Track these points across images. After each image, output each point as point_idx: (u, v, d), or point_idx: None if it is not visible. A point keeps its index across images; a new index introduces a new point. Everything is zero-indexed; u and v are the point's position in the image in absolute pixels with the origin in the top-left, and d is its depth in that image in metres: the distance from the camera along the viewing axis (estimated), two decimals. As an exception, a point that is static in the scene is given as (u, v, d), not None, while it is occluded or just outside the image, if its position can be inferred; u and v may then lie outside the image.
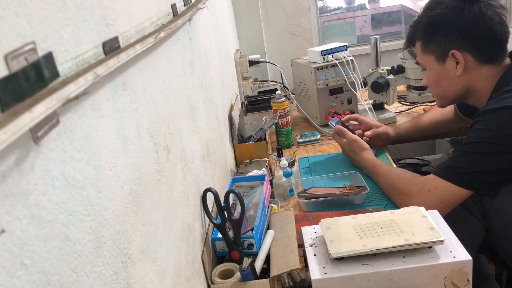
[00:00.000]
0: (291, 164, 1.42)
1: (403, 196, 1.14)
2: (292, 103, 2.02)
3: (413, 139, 1.63)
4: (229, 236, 0.97)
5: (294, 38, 2.37)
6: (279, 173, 1.31)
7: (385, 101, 1.89)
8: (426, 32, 1.17)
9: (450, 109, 1.52)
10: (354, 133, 1.46)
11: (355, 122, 1.58)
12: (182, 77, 0.92)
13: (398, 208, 1.14)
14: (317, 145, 1.74)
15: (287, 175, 1.36)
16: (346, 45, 1.78)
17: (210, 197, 0.97)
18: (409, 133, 1.58)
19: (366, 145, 1.40)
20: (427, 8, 1.18)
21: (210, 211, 0.97)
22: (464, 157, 1.06)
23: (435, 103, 1.88)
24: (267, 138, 1.57)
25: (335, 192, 1.27)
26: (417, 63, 1.29)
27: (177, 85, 0.87)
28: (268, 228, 1.07)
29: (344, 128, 1.46)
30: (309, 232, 0.94)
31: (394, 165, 1.46)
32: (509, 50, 1.18)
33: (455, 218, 1.13)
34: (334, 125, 1.50)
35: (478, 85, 1.14)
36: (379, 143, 1.57)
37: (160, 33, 0.70)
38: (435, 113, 1.57)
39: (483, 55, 1.11)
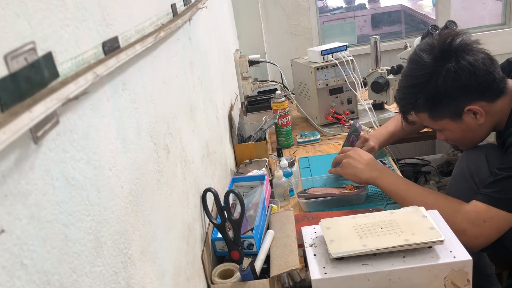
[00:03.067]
0: (291, 164, 1.42)
1: (454, 226, 0.99)
2: (292, 103, 2.02)
3: (402, 138, 1.61)
4: (229, 236, 0.97)
5: (294, 38, 2.37)
6: (279, 173, 1.31)
7: (385, 101, 1.89)
8: (430, 105, 1.14)
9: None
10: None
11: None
12: (182, 77, 0.92)
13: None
14: (317, 145, 1.74)
15: (287, 175, 1.36)
16: (346, 45, 1.78)
17: (210, 197, 0.97)
18: (388, 142, 1.55)
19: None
20: (415, 84, 1.14)
21: (210, 211, 0.97)
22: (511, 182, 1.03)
23: None
24: (267, 138, 1.57)
25: (335, 192, 1.27)
26: (427, 127, 1.24)
27: (177, 85, 0.87)
28: (268, 228, 1.07)
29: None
30: (309, 232, 0.94)
31: (398, 172, 1.45)
32: None
33: None
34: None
35: (501, 117, 1.14)
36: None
37: (160, 33, 0.70)
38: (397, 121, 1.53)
39: (492, 95, 1.11)
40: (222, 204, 0.97)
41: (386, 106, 1.94)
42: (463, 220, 1.03)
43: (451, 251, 0.81)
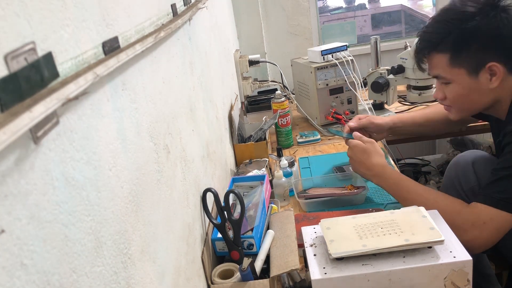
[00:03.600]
0: (291, 164, 1.42)
1: (454, 228, 1.00)
2: (292, 103, 2.02)
3: (406, 134, 1.57)
4: (229, 236, 0.97)
5: (294, 38, 2.37)
6: (279, 173, 1.31)
7: (385, 101, 1.89)
8: (459, 45, 1.07)
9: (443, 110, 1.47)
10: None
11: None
12: (182, 77, 0.92)
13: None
14: (317, 145, 1.74)
15: (287, 175, 1.36)
16: (346, 45, 1.78)
17: (210, 197, 0.97)
18: (405, 126, 1.49)
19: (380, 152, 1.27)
20: (453, 19, 1.07)
21: (210, 211, 0.97)
22: (510, 181, 1.01)
23: (435, 103, 1.89)
24: (267, 138, 1.57)
25: (335, 192, 1.27)
26: (436, 76, 1.16)
27: (177, 85, 0.87)
28: (268, 228, 1.07)
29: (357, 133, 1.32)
30: (309, 232, 0.94)
31: (397, 169, 1.44)
32: None
33: None
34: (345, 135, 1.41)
35: (504, 97, 1.09)
36: (375, 137, 1.48)
37: (160, 33, 0.70)
38: (430, 111, 1.50)
39: None
40: (222, 204, 0.97)
41: (386, 106, 1.94)
42: (463, 222, 1.02)
43: (451, 251, 0.81)
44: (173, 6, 0.88)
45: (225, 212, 0.97)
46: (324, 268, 0.82)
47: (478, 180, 1.15)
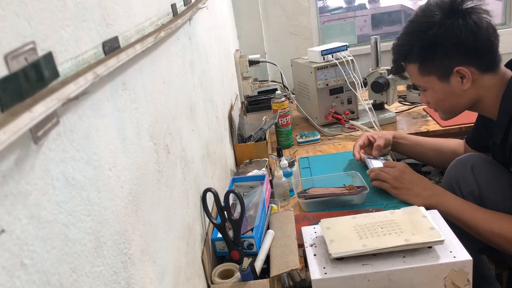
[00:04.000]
0: (291, 164, 1.42)
1: None
2: (292, 103, 2.02)
3: (406, 153, 1.56)
4: (229, 236, 0.97)
5: (294, 38, 2.37)
6: (279, 173, 1.31)
7: (385, 101, 1.89)
8: (424, 54, 1.13)
9: (458, 143, 1.45)
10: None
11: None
12: (182, 77, 0.92)
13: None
14: (317, 145, 1.74)
15: (287, 175, 1.36)
16: (346, 45, 1.78)
17: (210, 197, 0.97)
18: (401, 143, 1.51)
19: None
20: (417, 30, 1.13)
21: (210, 211, 0.97)
22: None
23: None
24: (267, 138, 1.57)
25: (335, 192, 1.27)
26: (412, 85, 1.24)
27: (177, 85, 0.87)
28: (268, 228, 1.07)
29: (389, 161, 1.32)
30: (309, 232, 0.94)
31: None
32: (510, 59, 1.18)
33: None
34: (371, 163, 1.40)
35: (484, 95, 1.12)
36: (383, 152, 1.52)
37: (160, 33, 0.70)
38: (440, 141, 1.50)
39: (484, 65, 1.10)
40: (222, 204, 0.98)
41: (386, 106, 1.94)
42: None
43: (451, 251, 0.81)
44: (173, 6, 0.88)
45: (225, 212, 0.97)
46: (324, 268, 0.82)
47: (478, 184, 1.15)
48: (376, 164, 1.40)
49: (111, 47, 0.54)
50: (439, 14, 1.10)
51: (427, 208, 0.95)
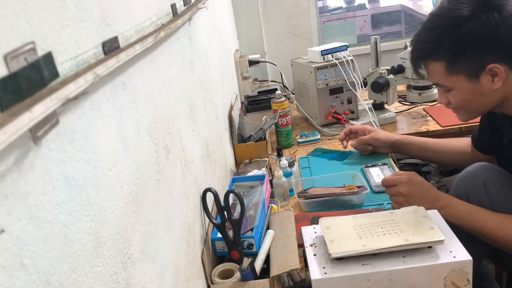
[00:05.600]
0: (291, 164, 1.42)
1: None
2: (292, 103, 2.02)
3: (413, 155, 1.55)
4: (229, 236, 0.97)
5: (294, 38, 2.37)
6: (279, 173, 1.31)
7: (385, 101, 1.89)
8: (454, 52, 1.02)
9: (467, 143, 1.39)
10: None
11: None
12: (182, 77, 0.92)
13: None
14: (317, 145, 1.74)
15: (287, 175, 1.36)
16: (346, 45, 1.78)
17: (210, 197, 0.97)
18: (408, 147, 1.47)
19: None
20: (445, 25, 1.03)
21: (210, 211, 0.97)
22: None
23: (435, 103, 1.89)
24: (267, 138, 1.57)
25: (335, 192, 1.27)
26: (435, 84, 1.12)
27: (177, 85, 0.87)
28: (268, 228, 1.07)
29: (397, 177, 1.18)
30: (309, 232, 0.94)
31: (397, 169, 1.44)
32: None
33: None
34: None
35: (509, 95, 1.05)
36: (375, 149, 1.54)
37: (160, 33, 0.70)
38: (451, 142, 1.45)
39: None
40: (222, 204, 0.97)
41: (386, 106, 1.94)
42: None
43: (451, 251, 0.81)
44: (173, 6, 0.88)
45: (225, 212, 0.97)
46: (324, 268, 0.82)
47: (490, 201, 1.11)
48: (373, 172, 1.42)
49: (111, 47, 0.54)
50: (470, 7, 0.99)
51: None
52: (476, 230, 1.07)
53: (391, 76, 1.83)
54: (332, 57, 1.76)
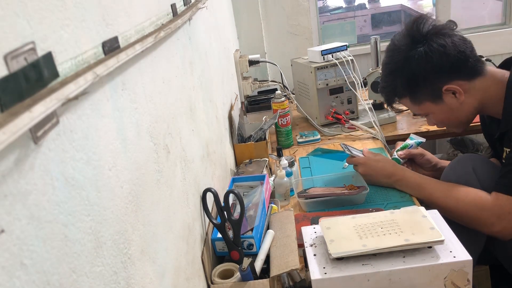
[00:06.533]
0: (291, 164, 1.42)
1: (479, 224, 1.09)
2: (292, 103, 2.02)
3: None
4: (229, 236, 0.97)
5: (294, 38, 2.36)
6: (281, 172, 1.31)
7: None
8: (409, 88, 1.19)
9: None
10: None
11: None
12: (182, 77, 0.92)
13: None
14: (317, 145, 1.74)
15: (288, 175, 1.36)
16: (346, 45, 1.78)
17: (210, 197, 0.97)
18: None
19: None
20: (393, 70, 1.20)
21: (210, 211, 0.97)
22: None
23: None
24: (267, 138, 1.57)
25: (335, 192, 1.27)
26: (414, 114, 1.30)
27: (177, 85, 0.87)
28: (268, 228, 1.07)
29: (368, 151, 1.38)
30: (309, 232, 0.94)
31: None
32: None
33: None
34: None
35: (484, 96, 1.15)
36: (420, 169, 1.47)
37: (160, 33, 0.70)
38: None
39: (468, 74, 1.14)
40: (222, 204, 0.97)
41: (386, 106, 1.94)
42: (489, 216, 1.07)
43: (451, 251, 0.81)
44: (173, 6, 0.88)
45: (225, 212, 0.97)
46: (324, 268, 0.82)
47: (481, 184, 1.15)
48: (353, 151, 1.44)
49: (110, 47, 0.54)
50: (405, 47, 1.16)
51: None
52: (426, 199, 1.21)
53: (391, 76, 1.83)
54: (332, 57, 1.76)
